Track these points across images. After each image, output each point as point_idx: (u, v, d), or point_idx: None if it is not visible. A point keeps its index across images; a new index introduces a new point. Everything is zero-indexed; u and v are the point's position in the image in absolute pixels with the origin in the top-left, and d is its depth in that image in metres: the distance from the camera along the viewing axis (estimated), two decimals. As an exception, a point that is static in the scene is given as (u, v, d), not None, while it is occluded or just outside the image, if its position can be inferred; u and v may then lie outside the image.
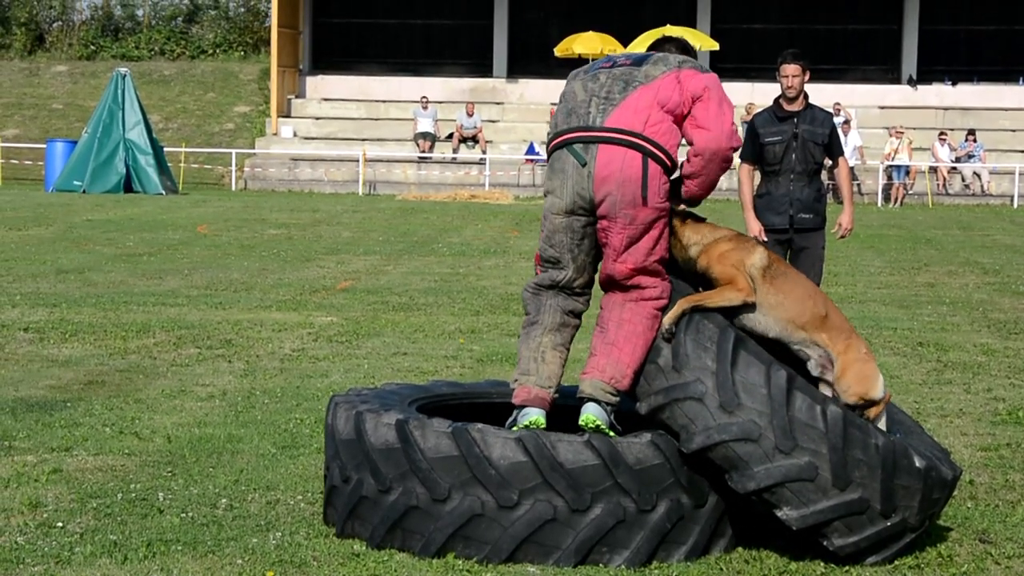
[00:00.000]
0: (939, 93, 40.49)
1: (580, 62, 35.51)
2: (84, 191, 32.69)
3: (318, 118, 40.66)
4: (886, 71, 41.52)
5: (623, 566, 5.85)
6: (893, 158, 36.12)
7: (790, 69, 10.26)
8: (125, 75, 34.12)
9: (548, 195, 6.21)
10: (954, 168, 37.02)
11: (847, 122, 35.92)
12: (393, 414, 6.10)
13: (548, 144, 6.29)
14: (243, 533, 6.19)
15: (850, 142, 35.11)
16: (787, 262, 6.85)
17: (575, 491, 5.81)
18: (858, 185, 35.67)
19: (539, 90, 40.45)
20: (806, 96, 10.39)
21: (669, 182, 6.10)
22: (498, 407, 6.73)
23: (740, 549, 6.15)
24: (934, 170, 36.85)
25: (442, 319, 13.10)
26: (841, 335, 6.29)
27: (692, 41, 36.78)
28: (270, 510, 6.59)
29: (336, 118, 40.60)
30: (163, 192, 33.16)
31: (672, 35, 6.70)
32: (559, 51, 38.43)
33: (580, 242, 6.18)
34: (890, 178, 36.23)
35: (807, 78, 10.35)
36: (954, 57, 41.19)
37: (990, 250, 22.06)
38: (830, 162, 10.72)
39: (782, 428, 5.78)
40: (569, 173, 6.09)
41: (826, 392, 6.21)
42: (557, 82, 37.48)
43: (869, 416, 6.18)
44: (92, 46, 47.30)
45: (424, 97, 39.18)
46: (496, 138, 39.16)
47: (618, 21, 39.65)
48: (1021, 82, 40.33)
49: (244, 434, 8.12)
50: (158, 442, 7.90)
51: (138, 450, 7.69)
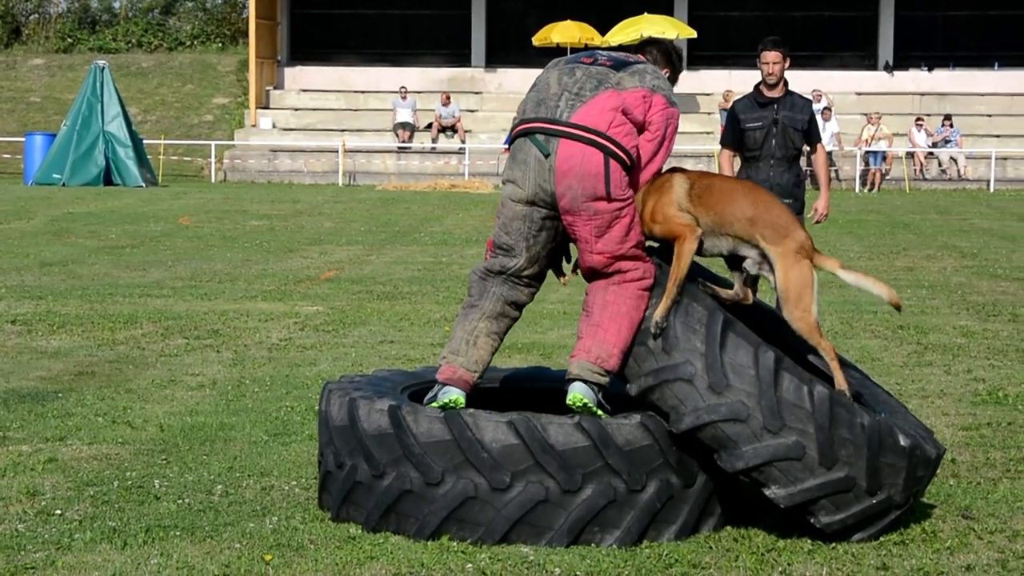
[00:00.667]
0: (915, 79, 40.67)
1: (559, 51, 35.60)
2: (64, 184, 32.63)
3: (297, 109, 40.66)
4: (862, 57, 41.68)
5: (614, 545, 5.95)
6: (870, 144, 36.30)
7: (770, 56, 10.39)
8: (103, 68, 34.05)
9: (508, 183, 6.29)
10: (931, 153, 37.21)
11: (828, 108, 36.08)
12: (386, 400, 6.20)
13: (512, 129, 6.37)
14: (240, 518, 6.28)
15: (828, 128, 35.27)
16: (711, 173, 6.89)
17: (566, 472, 5.91)
18: (836, 171, 35.84)
19: (518, 79, 40.48)
20: (786, 83, 10.53)
21: (628, 175, 6.19)
22: (487, 391, 6.83)
23: (729, 528, 6.26)
24: (911, 155, 37.04)
25: (427, 307, 13.19)
26: (778, 233, 6.31)
27: (670, 29, 36.98)
28: (265, 496, 6.68)
29: (315, 109, 40.60)
30: (143, 184, 33.12)
31: (657, 37, 6.79)
32: (537, 40, 38.49)
33: (537, 233, 6.28)
34: (867, 164, 36.40)
35: (787, 65, 10.49)
36: (930, 43, 41.36)
37: (967, 234, 22.24)
38: (808, 148, 10.85)
39: (770, 408, 5.89)
40: (531, 165, 6.18)
41: (769, 278, 6.27)
42: (536, 71, 37.20)
43: (802, 330, 6.22)
44: (69, 39, 47.17)
45: (403, 87, 39.21)
46: (475, 127, 39.22)
47: (596, 10, 39.72)
48: (996, 67, 40.54)
49: (236, 422, 8.21)
50: (151, 431, 7.98)
51: (131, 439, 7.77)
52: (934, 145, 37.27)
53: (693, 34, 38.19)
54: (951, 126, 37.23)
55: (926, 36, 41.44)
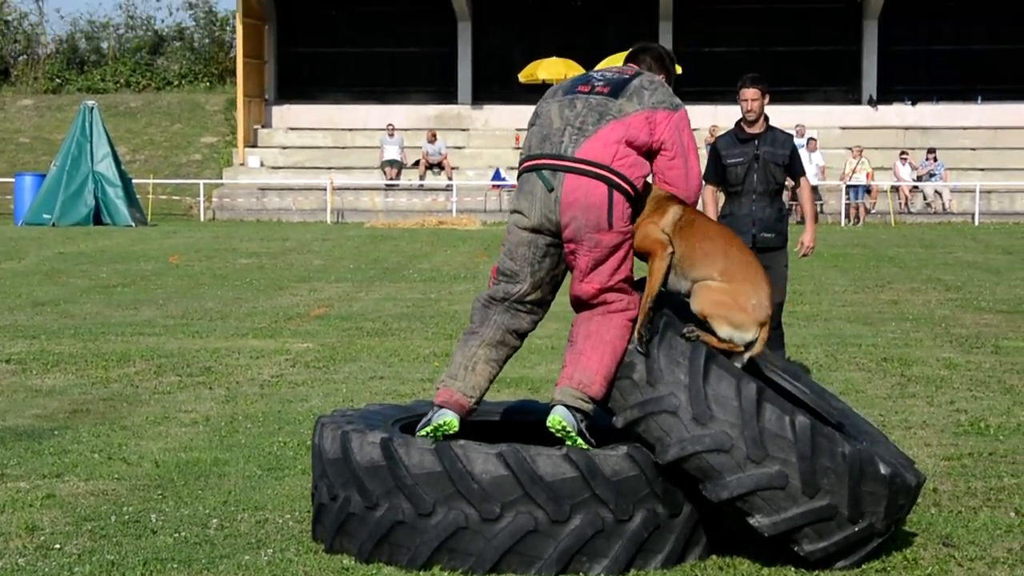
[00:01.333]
0: (899, 113, 40.97)
1: (544, 88, 35.79)
2: (54, 224, 32.74)
3: (285, 147, 40.87)
4: (846, 92, 41.96)
5: (602, 574, 6.08)
6: (851, 177, 36.53)
7: (749, 93, 10.61)
8: (93, 108, 34.22)
9: (515, 213, 6.45)
10: (916, 187, 37.46)
11: (812, 140, 36.33)
12: (378, 433, 6.33)
13: (520, 164, 6.54)
14: (235, 551, 6.40)
15: (813, 160, 35.51)
16: (705, 214, 7.08)
17: (555, 503, 6.03)
18: (821, 205, 36.05)
19: (504, 116, 40.76)
20: (766, 118, 10.72)
21: (632, 207, 6.36)
22: (477, 424, 6.96)
23: (714, 556, 6.38)
24: (896, 189, 37.29)
25: (416, 343, 13.32)
26: (715, 268, 6.40)
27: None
28: (260, 529, 6.80)
29: (303, 147, 40.82)
30: (132, 224, 33.24)
31: (648, 44, 6.91)
32: (523, 77, 38.69)
33: (541, 259, 6.43)
34: (849, 197, 36.63)
35: (767, 101, 10.69)
36: (914, 77, 41.64)
37: (952, 267, 22.41)
38: (792, 183, 11.02)
39: (753, 439, 6.02)
40: (538, 195, 6.35)
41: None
42: (522, 107, 37.79)
43: (712, 343, 6.30)
44: (58, 79, 47.42)
45: (390, 124, 39.43)
46: (462, 164, 39.44)
47: (581, 46, 39.95)
48: (980, 101, 40.84)
49: (230, 457, 8.33)
50: (146, 467, 8.11)
51: (127, 475, 7.89)
52: (919, 179, 37.52)
53: (678, 70, 38.37)
54: (935, 160, 37.51)
55: (910, 70, 41.73)
